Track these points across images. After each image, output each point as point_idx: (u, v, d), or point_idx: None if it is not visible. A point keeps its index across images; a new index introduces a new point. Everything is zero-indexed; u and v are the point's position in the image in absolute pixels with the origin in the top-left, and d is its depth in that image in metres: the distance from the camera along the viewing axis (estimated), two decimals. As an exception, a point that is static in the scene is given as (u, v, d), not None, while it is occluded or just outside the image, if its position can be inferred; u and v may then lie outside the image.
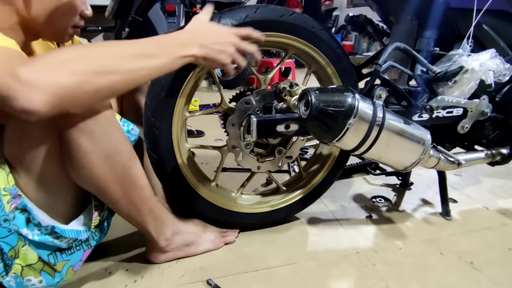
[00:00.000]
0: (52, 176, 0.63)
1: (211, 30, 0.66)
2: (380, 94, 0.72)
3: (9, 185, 0.60)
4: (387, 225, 1.06)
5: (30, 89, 0.45)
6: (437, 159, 0.86)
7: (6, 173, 0.61)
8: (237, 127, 0.86)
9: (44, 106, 0.46)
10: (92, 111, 0.60)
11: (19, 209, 0.61)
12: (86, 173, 0.64)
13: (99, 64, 0.51)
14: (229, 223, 0.96)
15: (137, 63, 0.55)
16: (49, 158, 0.61)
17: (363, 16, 1.00)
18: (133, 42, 0.58)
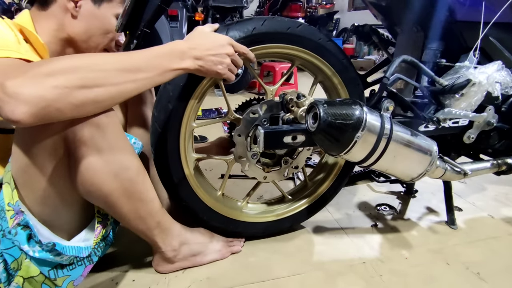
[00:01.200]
0: (57, 192, 0.64)
1: (208, 41, 0.68)
2: (387, 106, 0.72)
3: (13, 201, 0.61)
4: (393, 234, 1.06)
5: (14, 100, 0.48)
6: (444, 170, 0.87)
7: (11, 188, 0.61)
8: (244, 138, 0.86)
9: (25, 116, 0.49)
10: (100, 127, 0.61)
11: (21, 225, 0.61)
12: (95, 190, 0.64)
13: (83, 78, 0.53)
14: (235, 233, 0.96)
15: (124, 77, 0.57)
16: (55, 174, 0.61)
17: (369, 26, 1.01)
18: (121, 55, 0.59)
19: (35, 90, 0.49)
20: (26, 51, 0.61)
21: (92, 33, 0.79)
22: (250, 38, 0.79)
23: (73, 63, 0.54)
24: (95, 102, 0.56)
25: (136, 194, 0.68)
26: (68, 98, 0.52)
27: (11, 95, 0.48)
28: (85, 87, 0.53)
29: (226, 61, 0.69)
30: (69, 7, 0.75)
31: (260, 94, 3.27)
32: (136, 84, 0.59)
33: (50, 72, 0.51)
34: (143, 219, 0.72)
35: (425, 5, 0.77)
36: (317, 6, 6.91)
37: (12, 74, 0.50)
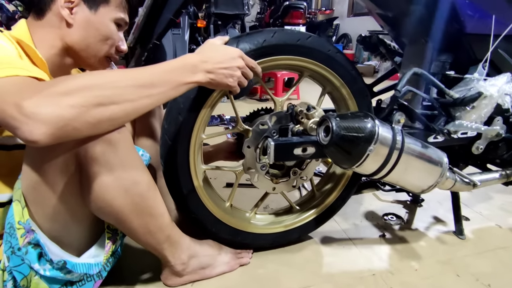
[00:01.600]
0: (68, 208, 0.63)
1: (219, 54, 0.68)
2: (399, 119, 0.72)
3: (23, 219, 0.60)
4: (401, 245, 1.05)
5: (31, 121, 0.48)
6: (453, 181, 0.86)
7: (22, 206, 0.61)
8: (253, 149, 0.86)
9: (44, 136, 0.49)
10: (111, 143, 0.60)
11: (32, 244, 0.61)
12: (106, 206, 0.64)
13: (100, 96, 0.53)
14: (244, 244, 0.95)
15: (139, 93, 0.57)
16: (66, 191, 0.61)
17: (376, 37, 1.01)
18: (135, 71, 0.59)
19: (53, 109, 0.49)
20: (32, 68, 0.59)
21: (90, 40, 0.74)
22: (260, 50, 0.79)
23: (89, 81, 0.53)
24: (111, 119, 0.56)
25: (146, 209, 0.68)
26: (85, 117, 0.52)
27: (29, 115, 0.48)
28: (102, 105, 0.53)
29: (236, 74, 0.70)
30: (64, 14, 0.71)
31: (262, 100, 3.27)
32: (150, 99, 0.59)
33: (66, 91, 0.51)
34: (153, 234, 0.72)
35: (434, 17, 0.78)
36: (316, 12, 6.97)
37: (26, 93, 0.49)
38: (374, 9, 0.94)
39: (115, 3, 0.75)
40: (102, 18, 0.74)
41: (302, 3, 3.41)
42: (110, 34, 0.75)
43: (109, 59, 0.80)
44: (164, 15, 0.66)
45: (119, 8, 0.76)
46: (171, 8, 0.66)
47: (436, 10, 0.76)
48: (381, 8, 0.90)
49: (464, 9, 0.75)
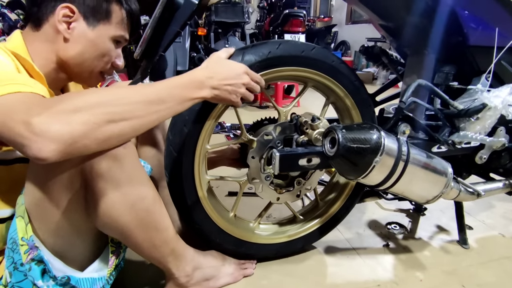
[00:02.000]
0: (72, 224, 0.62)
1: (225, 69, 0.69)
2: (404, 130, 0.73)
3: (27, 235, 0.60)
4: (405, 255, 1.05)
5: (41, 139, 0.47)
6: (458, 191, 0.87)
7: (25, 222, 0.60)
8: (258, 160, 0.86)
9: (53, 154, 0.48)
10: (117, 159, 0.60)
11: (35, 261, 0.60)
12: (112, 221, 0.63)
13: (110, 112, 0.53)
14: (248, 255, 0.95)
15: (147, 109, 0.57)
16: (71, 206, 0.60)
17: (378, 47, 1.02)
18: (143, 87, 0.60)
19: (63, 127, 0.48)
20: (34, 83, 0.58)
21: (86, 56, 0.71)
22: (265, 62, 0.79)
23: (98, 98, 0.53)
24: (120, 135, 0.55)
25: (151, 224, 0.68)
26: (95, 134, 0.51)
27: (39, 133, 0.47)
28: (112, 122, 0.53)
29: (241, 90, 0.70)
30: (61, 29, 0.68)
31: (262, 107, 3.28)
32: (158, 115, 0.59)
33: (76, 108, 0.50)
34: (158, 248, 0.71)
35: (437, 29, 0.79)
36: (315, 19, 7.03)
37: (34, 110, 0.49)
38: (377, 20, 0.95)
39: (116, 20, 0.73)
40: (100, 35, 0.71)
41: (302, 11, 3.44)
42: (107, 51, 0.73)
43: (103, 75, 0.78)
44: (171, 27, 0.66)
45: (119, 26, 0.74)
46: (178, 21, 0.66)
47: (439, 22, 0.77)
48: (384, 19, 0.91)
49: (468, 22, 0.76)
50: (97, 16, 0.70)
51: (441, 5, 0.75)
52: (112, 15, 0.72)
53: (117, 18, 0.73)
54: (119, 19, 0.73)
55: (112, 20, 0.72)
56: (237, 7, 3.19)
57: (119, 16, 0.73)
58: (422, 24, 0.80)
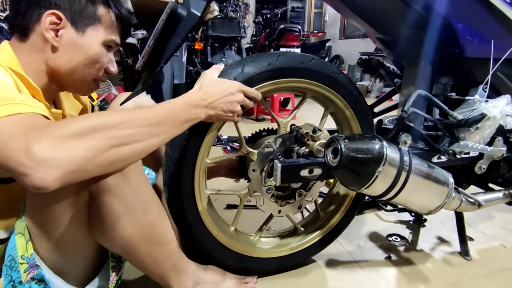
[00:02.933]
0: (74, 240, 0.61)
1: (219, 90, 0.69)
2: (405, 140, 0.73)
3: (27, 254, 0.58)
4: (408, 267, 1.03)
5: (43, 168, 0.45)
6: (459, 201, 0.86)
7: (26, 240, 0.58)
8: (259, 172, 0.85)
9: (55, 183, 0.46)
10: (124, 174, 0.59)
11: (35, 280, 0.59)
12: (117, 237, 0.62)
13: (112, 137, 0.52)
14: (249, 270, 0.93)
15: (148, 133, 0.57)
16: (74, 223, 0.59)
17: (376, 60, 1.04)
18: (142, 111, 0.59)
19: (66, 154, 0.46)
20: (33, 102, 0.55)
21: (77, 64, 0.68)
22: (265, 74, 0.79)
23: (100, 122, 0.51)
24: (122, 160, 0.55)
25: (155, 238, 0.67)
26: (98, 160, 0.50)
27: (40, 162, 0.44)
28: (114, 147, 0.52)
29: (236, 109, 0.72)
30: (49, 37, 0.64)
31: (258, 120, 3.29)
32: (158, 138, 0.59)
33: (78, 133, 0.48)
34: (160, 263, 0.70)
35: (434, 41, 0.80)
36: (309, 34, 7.18)
37: (34, 136, 0.46)
38: (374, 33, 0.97)
39: (105, 24, 0.70)
40: (90, 41, 0.68)
41: (297, 26, 3.51)
42: (99, 57, 0.70)
43: (97, 82, 0.75)
44: (173, 39, 0.67)
45: (110, 30, 0.71)
46: (181, 33, 0.66)
47: (436, 34, 0.79)
48: (381, 33, 0.93)
49: (464, 34, 0.78)
50: (85, 21, 0.67)
51: (438, 17, 0.77)
52: (101, 19, 0.69)
53: (106, 22, 0.70)
54: (108, 23, 0.70)
55: (101, 24, 0.69)
56: (234, 22, 3.24)
57: (108, 19, 0.70)
58: (419, 37, 0.82)
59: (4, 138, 0.46)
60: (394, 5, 0.77)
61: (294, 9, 8.17)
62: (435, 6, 0.74)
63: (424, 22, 0.77)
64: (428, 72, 0.89)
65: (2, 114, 0.49)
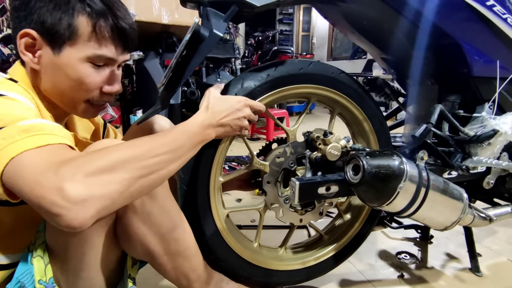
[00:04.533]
0: (95, 263, 0.59)
1: (227, 107, 0.70)
2: (422, 156, 0.74)
3: (45, 278, 0.56)
4: (421, 285, 1.02)
5: (78, 207, 0.43)
6: (472, 217, 0.87)
7: (45, 263, 0.56)
8: (274, 184, 0.84)
9: (90, 221, 0.45)
10: (151, 194, 0.59)
11: None
12: (142, 251, 0.63)
13: (141, 168, 0.51)
14: (279, 284, 0.92)
15: (172, 158, 0.57)
16: (99, 245, 0.58)
17: (381, 79, 1.07)
18: (165, 137, 0.59)
19: (101, 191, 0.45)
20: (60, 130, 0.52)
21: (61, 87, 0.61)
22: (265, 85, 0.79)
23: (127, 153, 0.50)
24: (149, 187, 0.54)
25: (180, 252, 0.67)
26: (129, 191, 0.49)
27: (76, 202, 0.42)
28: (143, 177, 0.51)
29: (244, 124, 0.73)
30: (27, 60, 0.59)
31: (253, 139, 3.30)
32: (179, 162, 0.59)
33: (109, 166, 0.47)
34: (186, 275, 0.70)
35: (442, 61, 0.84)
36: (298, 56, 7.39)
37: (66, 172, 0.44)
38: (379, 54, 1.01)
39: (85, 38, 0.59)
40: (67, 60, 0.59)
41: (290, 48, 3.61)
42: (82, 77, 0.61)
43: (93, 104, 0.67)
44: (195, 59, 0.67)
45: (93, 44, 0.60)
46: (202, 52, 0.67)
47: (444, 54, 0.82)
48: (387, 53, 0.96)
49: (472, 54, 0.82)
50: (60, 38, 0.58)
51: (445, 38, 0.81)
52: (79, 32, 0.58)
53: (89, 35, 0.59)
54: (91, 35, 0.59)
55: (78, 39, 0.59)
56: (228, 44, 3.31)
57: (86, 31, 0.59)
58: (427, 57, 0.85)
59: (34, 176, 0.44)
60: (402, 26, 0.81)
61: (282, 32, 8.42)
62: (442, 27, 0.78)
63: (432, 42, 0.81)
64: (434, 91, 0.92)
65: (31, 146, 0.46)
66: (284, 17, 8.69)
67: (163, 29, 2.66)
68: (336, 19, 0.95)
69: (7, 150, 0.45)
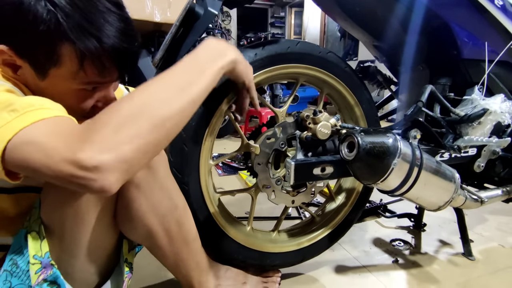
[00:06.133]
0: (92, 242, 0.57)
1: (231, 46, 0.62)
2: (415, 135, 0.75)
3: (41, 253, 0.53)
4: (416, 269, 1.03)
5: (98, 175, 0.41)
6: (464, 198, 0.89)
7: (41, 238, 0.54)
8: (265, 165, 0.84)
9: (116, 184, 0.43)
10: (152, 168, 0.58)
11: (48, 281, 0.53)
12: (142, 231, 0.60)
13: (152, 117, 0.46)
14: (274, 266, 0.91)
15: (185, 97, 0.50)
16: (96, 223, 0.55)
17: (374, 67, 1.09)
18: (171, 73, 0.51)
19: (114, 154, 0.42)
20: (50, 103, 0.48)
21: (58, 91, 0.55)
22: (254, 64, 0.78)
23: (135, 105, 0.46)
24: (167, 136, 0.48)
25: (180, 235, 0.65)
26: (146, 147, 0.45)
27: (92, 169, 0.41)
28: (157, 127, 0.46)
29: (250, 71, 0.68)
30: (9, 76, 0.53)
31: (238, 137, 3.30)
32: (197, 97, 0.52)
33: (116, 127, 0.43)
34: (184, 261, 0.68)
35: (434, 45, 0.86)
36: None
37: (73, 144, 0.41)
38: (372, 41, 1.02)
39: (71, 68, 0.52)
40: (55, 88, 0.54)
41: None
42: (72, 105, 0.54)
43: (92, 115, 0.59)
44: (190, 37, 0.67)
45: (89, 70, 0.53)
46: (197, 30, 0.67)
47: (435, 37, 0.84)
48: (379, 40, 0.98)
49: (461, 36, 0.84)
50: (43, 62, 0.51)
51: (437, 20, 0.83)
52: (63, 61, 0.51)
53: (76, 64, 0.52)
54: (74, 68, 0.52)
55: (67, 67, 0.52)
56: (221, 43, 3.32)
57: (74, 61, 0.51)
58: (419, 41, 0.87)
59: (43, 150, 0.42)
60: (395, 10, 0.82)
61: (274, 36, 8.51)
62: (434, 9, 0.80)
63: (424, 26, 0.83)
64: (426, 76, 0.94)
65: (25, 123, 0.43)
66: (276, 20, 8.77)
67: (155, 27, 2.66)
68: (329, 6, 0.97)
69: (2, 134, 0.42)
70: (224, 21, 6.62)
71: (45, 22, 0.48)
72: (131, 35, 0.56)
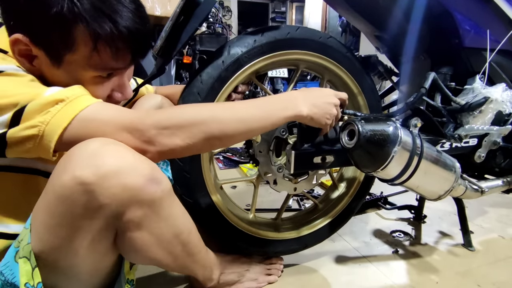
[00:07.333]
0: (90, 270, 0.56)
1: (317, 91, 0.68)
2: (415, 123, 0.75)
3: (33, 282, 0.49)
4: (416, 260, 1.03)
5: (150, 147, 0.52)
6: (465, 188, 0.89)
7: (32, 266, 0.49)
8: (266, 153, 0.84)
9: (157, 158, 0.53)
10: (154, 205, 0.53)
11: None
12: (147, 261, 0.59)
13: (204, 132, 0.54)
14: (277, 253, 0.93)
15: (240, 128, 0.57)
16: (93, 250, 0.53)
17: (375, 57, 1.08)
18: (242, 103, 0.60)
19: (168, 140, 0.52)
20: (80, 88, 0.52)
21: None
22: (252, 51, 0.77)
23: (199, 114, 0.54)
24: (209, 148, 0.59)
25: (185, 253, 0.63)
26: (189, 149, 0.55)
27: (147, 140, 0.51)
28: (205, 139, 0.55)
29: (334, 111, 0.68)
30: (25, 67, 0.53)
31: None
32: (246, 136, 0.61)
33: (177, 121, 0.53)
34: (189, 268, 0.69)
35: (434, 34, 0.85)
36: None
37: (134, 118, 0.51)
38: (373, 31, 1.02)
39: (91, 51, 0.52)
40: (70, 75, 0.54)
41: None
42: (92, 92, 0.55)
43: None
44: (190, 24, 0.67)
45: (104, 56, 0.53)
46: (198, 17, 0.66)
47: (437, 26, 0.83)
48: (381, 30, 0.98)
49: (463, 24, 0.84)
50: (58, 48, 0.51)
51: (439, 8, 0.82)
52: (79, 45, 0.51)
53: (86, 51, 0.52)
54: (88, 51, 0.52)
55: (83, 51, 0.52)
56: (221, 38, 3.31)
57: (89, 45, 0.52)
58: (421, 30, 0.87)
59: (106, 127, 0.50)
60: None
61: (275, 31, 8.48)
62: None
63: (426, 14, 0.82)
64: (427, 65, 0.94)
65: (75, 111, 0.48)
66: (277, 15, 8.71)
67: (155, 21, 2.65)
68: (331, -4, 0.96)
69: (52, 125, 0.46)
70: (225, 16, 6.59)
71: (58, 3, 0.48)
72: (143, 16, 0.57)
